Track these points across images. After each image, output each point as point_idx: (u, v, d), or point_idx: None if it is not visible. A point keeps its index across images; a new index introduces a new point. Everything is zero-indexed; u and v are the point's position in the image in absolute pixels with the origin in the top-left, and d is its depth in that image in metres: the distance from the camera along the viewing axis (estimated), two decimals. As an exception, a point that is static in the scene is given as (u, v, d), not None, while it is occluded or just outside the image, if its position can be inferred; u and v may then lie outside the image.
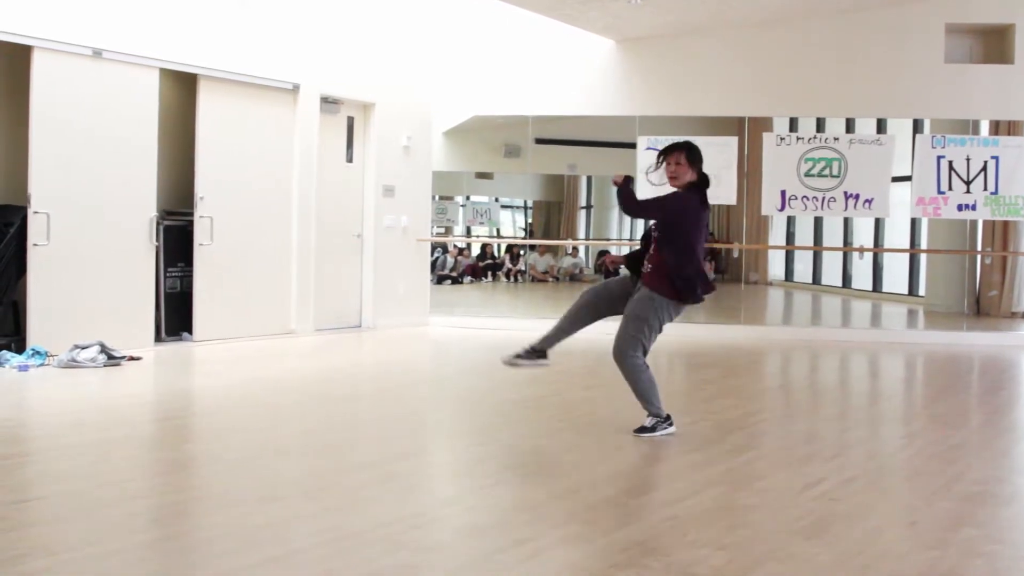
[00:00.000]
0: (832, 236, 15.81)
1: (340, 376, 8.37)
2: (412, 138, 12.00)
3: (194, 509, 4.34)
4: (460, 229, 18.26)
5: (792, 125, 14.28)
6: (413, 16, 12.03)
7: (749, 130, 12.74)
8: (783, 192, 11.81)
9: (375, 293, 11.61)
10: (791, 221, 16.30)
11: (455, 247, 18.12)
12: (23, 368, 7.72)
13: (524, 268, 18.23)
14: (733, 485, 4.82)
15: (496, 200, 18.69)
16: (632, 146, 12.10)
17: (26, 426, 6.13)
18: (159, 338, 9.46)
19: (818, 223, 15.94)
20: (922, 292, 14.51)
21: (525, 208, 19.31)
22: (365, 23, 11.39)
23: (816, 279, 16.77)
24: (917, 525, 4.25)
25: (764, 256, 16.69)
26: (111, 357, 8.10)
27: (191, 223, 9.67)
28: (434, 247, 16.05)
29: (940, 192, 11.56)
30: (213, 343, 9.63)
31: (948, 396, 8.25)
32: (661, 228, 5.78)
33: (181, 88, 9.84)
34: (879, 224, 14.68)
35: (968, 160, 11.52)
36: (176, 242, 9.67)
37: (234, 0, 9.86)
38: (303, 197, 10.65)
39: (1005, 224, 12.96)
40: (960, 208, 11.59)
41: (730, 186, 11.99)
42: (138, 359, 8.40)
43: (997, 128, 12.41)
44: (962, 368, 9.98)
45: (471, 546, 3.85)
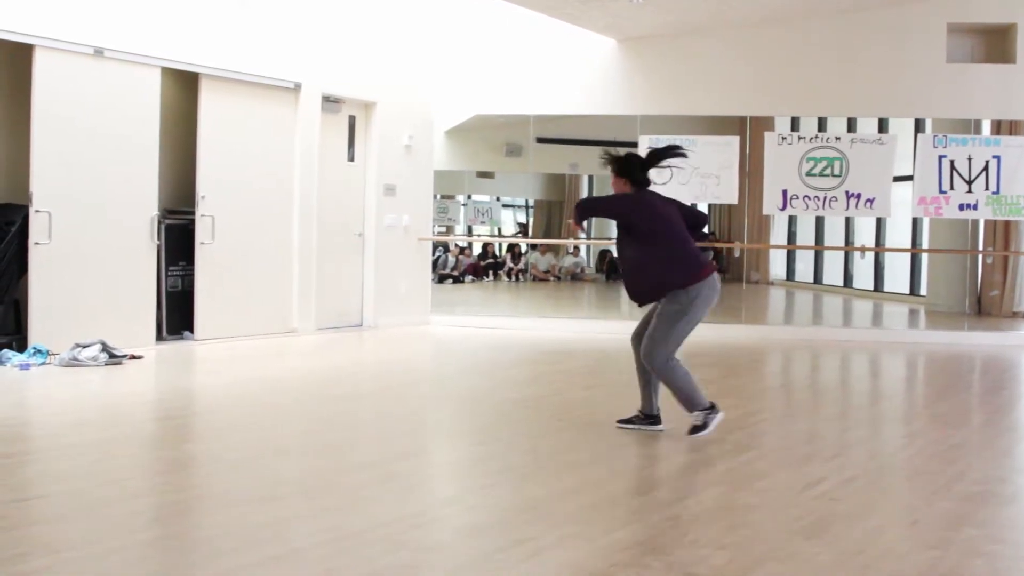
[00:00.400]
0: (833, 236, 15.81)
1: (341, 375, 8.37)
2: (413, 137, 12.00)
3: (195, 508, 4.34)
4: (461, 228, 18.29)
5: (794, 124, 14.29)
6: (415, 15, 12.02)
7: (751, 129, 12.75)
8: (784, 191, 11.80)
9: (376, 292, 11.61)
10: (792, 221, 16.32)
11: (456, 246, 18.13)
12: (24, 367, 7.73)
13: (525, 267, 18.24)
14: (733, 485, 4.82)
15: (497, 199, 18.71)
16: (634, 145, 12.09)
17: (27, 425, 6.14)
18: (160, 337, 9.47)
19: (819, 223, 15.95)
20: (923, 292, 14.51)
21: (527, 207, 19.32)
22: (367, 22, 11.39)
23: (817, 279, 16.78)
24: (918, 525, 4.25)
25: (765, 255, 16.70)
26: (112, 356, 8.10)
27: (192, 222, 9.67)
28: (435, 246, 16.06)
29: (942, 192, 11.55)
30: (214, 342, 9.63)
31: (949, 396, 8.25)
32: (625, 232, 5.80)
33: (183, 87, 9.85)
34: (880, 224, 14.69)
35: (970, 160, 11.51)
36: (177, 241, 9.68)
37: (235, 0, 9.89)
38: (304, 196, 10.65)
39: (1006, 224, 12.96)
40: (961, 208, 11.58)
41: (731, 185, 11.98)
42: (139, 358, 8.40)
43: (999, 128, 12.41)
44: (963, 368, 9.98)
45: (471, 546, 3.85)
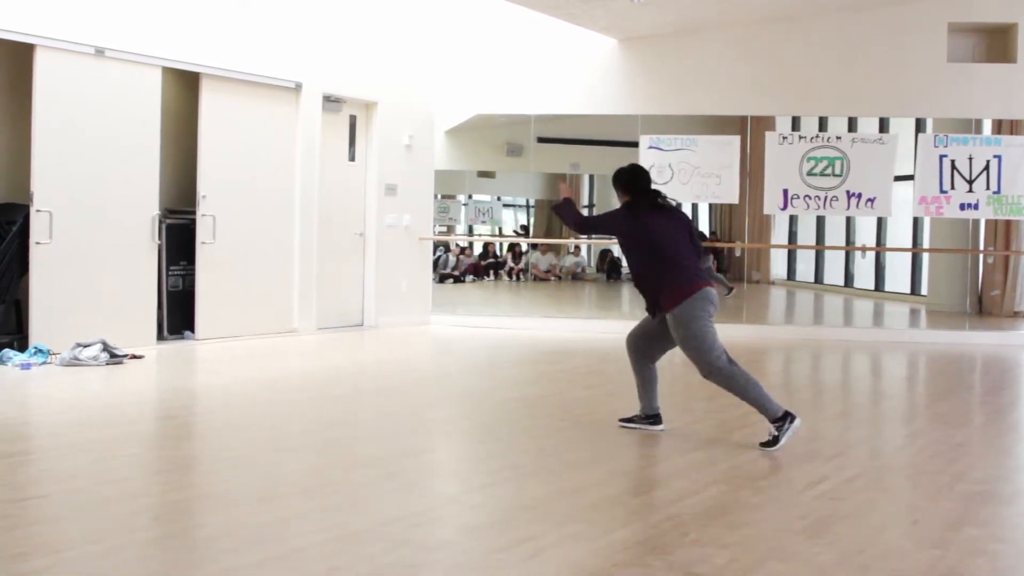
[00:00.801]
0: (834, 235, 15.80)
1: (342, 375, 8.37)
2: (414, 137, 12.00)
3: (195, 507, 4.34)
4: (462, 228, 18.29)
5: (794, 124, 14.28)
6: (415, 15, 12.03)
7: (751, 129, 12.75)
8: (785, 191, 11.80)
9: (377, 292, 11.61)
10: (793, 220, 16.31)
11: (457, 246, 18.13)
12: (25, 366, 7.73)
13: (526, 267, 18.24)
14: (735, 484, 4.82)
15: (498, 199, 18.71)
16: (634, 145, 12.10)
17: (28, 424, 6.14)
18: (161, 336, 9.47)
19: (820, 222, 15.94)
20: (924, 291, 14.51)
21: (527, 207, 19.31)
22: (368, 22, 11.39)
23: (818, 278, 16.77)
24: (919, 524, 4.25)
25: (766, 255, 16.70)
26: (113, 355, 8.10)
27: (193, 221, 9.68)
28: (436, 246, 16.06)
29: (942, 191, 11.55)
30: (215, 341, 9.63)
31: (950, 395, 8.24)
32: (628, 248, 5.81)
33: (184, 87, 9.85)
34: (881, 223, 14.68)
35: (971, 159, 11.51)
36: (178, 240, 9.69)
37: (233, 0, 9.87)
38: (305, 196, 10.65)
39: (1007, 223, 12.96)
40: (962, 207, 11.58)
41: (732, 185, 11.98)
42: (140, 357, 8.41)
43: (1000, 127, 12.41)
44: (964, 367, 9.97)
45: (472, 545, 3.85)
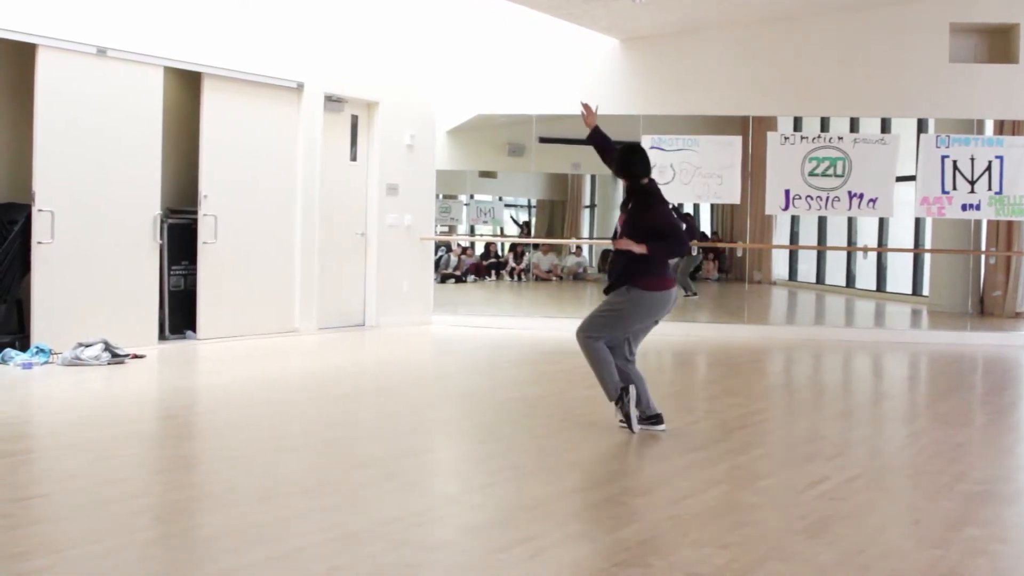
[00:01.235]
0: (836, 236, 15.78)
1: (343, 375, 8.37)
2: (416, 137, 12.01)
3: (196, 507, 4.35)
4: (464, 228, 18.28)
5: (796, 124, 14.26)
6: (417, 15, 12.03)
7: (753, 129, 12.73)
8: (787, 191, 11.79)
9: (378, 292, 11.61)
10: (795, 220, 16.29)
11: (459, 246, 18.13)
12: (27, 366, 7.73)
13: (528, 267, 18.24)
14: (735, 484, 4.82)
15: (500, 199, 18.70)
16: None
17: (30, 424, 6.15)
18: (163, 336, 9.48)
19: (822, 222, 15.92)
20: (926, 292, 14.49)
21: (529, 207, 19.31)
22: (369, 22, 11.40)
23: (820, 279, 16.75)
24: (920, 524, 4.25)
25: (768, 255, 16.68)
26: (115, 355, 8.10)
27: (195, 221, 9.68)
28: (438, 246, 16.06)
29: (944, 192, 11.54)
30: (217, 341, 9.64)
31: (951, 396, 8.24)
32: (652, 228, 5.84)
33: (185, 87, 9.85)
34: (883, 224, 14.66)
35: (972, 160, 11.50)
36: (180, 240, 9.69)
37: (234, 0, 9.87)
38: (307, 195, 10.65)
39: (1009, 224, 12.94)
40: (964, 208, 11.57)
41: (734, 185, 11.97)
42: (142, 357, 8.41)
43: (1002, 128, 12.39)
44: (965, 368, 9.97)
45: (473, 544, 3.85)
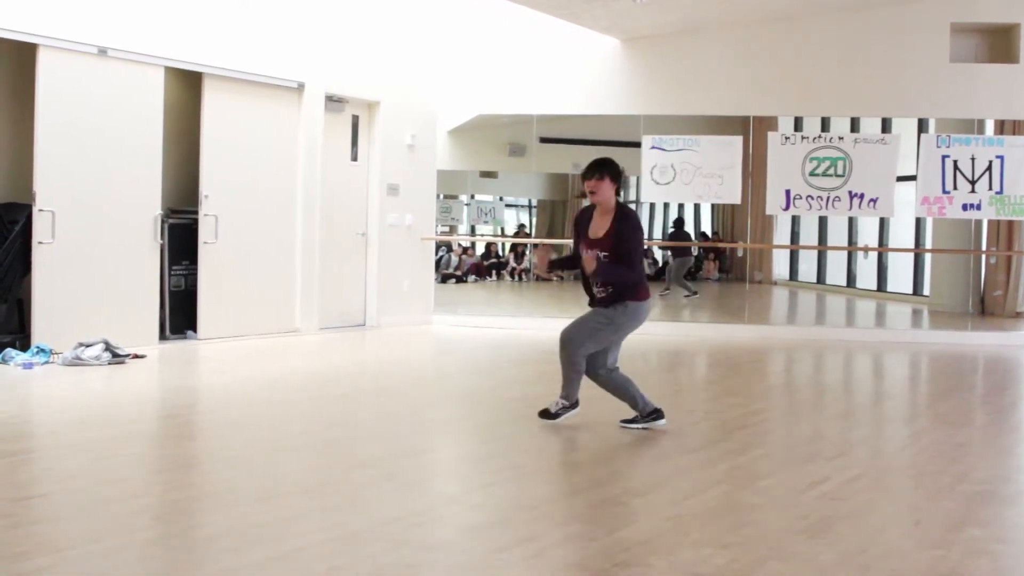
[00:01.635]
0: (837, 235, 15.78)
1: (343, 374, 8.37)
2: (417, 137, 12.00)
3: (196, 507, 4.35)
4: (464, 228, 18.27)
5: (797, 124, 14.26)
6: (418, 15, 12.02)
7: (754, 129, 12.73)
8: (788, 191, 11.79)
9: (379, 291, 11.61)
10: (796, 220, 16.29)
11: (459, 246, 18.13)
12: (28, 366, 7.73)
13: (528, 267, 18.23)
14: (736, 484, 4.81)
15: (500, 199, 18.69)
16: (637, 145, 12.09)
17: (30, 423, 6.15)
18: (163, 336, 9.48)
19: (823, 222, 15.92)
20: (926, 292, 14.49)
21: (529, 207, 19.31)
22: (370, 22, 11.40)
23: (820, 278, 16.76)
24: (921, 524, 4.24)
25: (768, 255, 16.68)
26: (115, 355, 8.10)
27: (196, 221, 9.68)
28: (438, 246, 16.06)
29: (945, 192, 11.53)
30: (217, 341, 9.64)
31: (952, 396, 8.24)
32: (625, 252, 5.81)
33: (186, 86, 9.85)
34: (884, 223, 14.66)
35: (973, 159, 11.50)
36: (181, 240, 9.69)
37: (235, 0, 9.87)
38: (308, 195, 10.66)
39: (1010, 224, 12.93)
40: (965, 208, 11.56)
41: (735, 185, 11.96)
42: (142, 357, 8.41)
43: (1002, 127, 12.39)
44: (966, 368, 9.96)
45: (473, 545, 3.85)
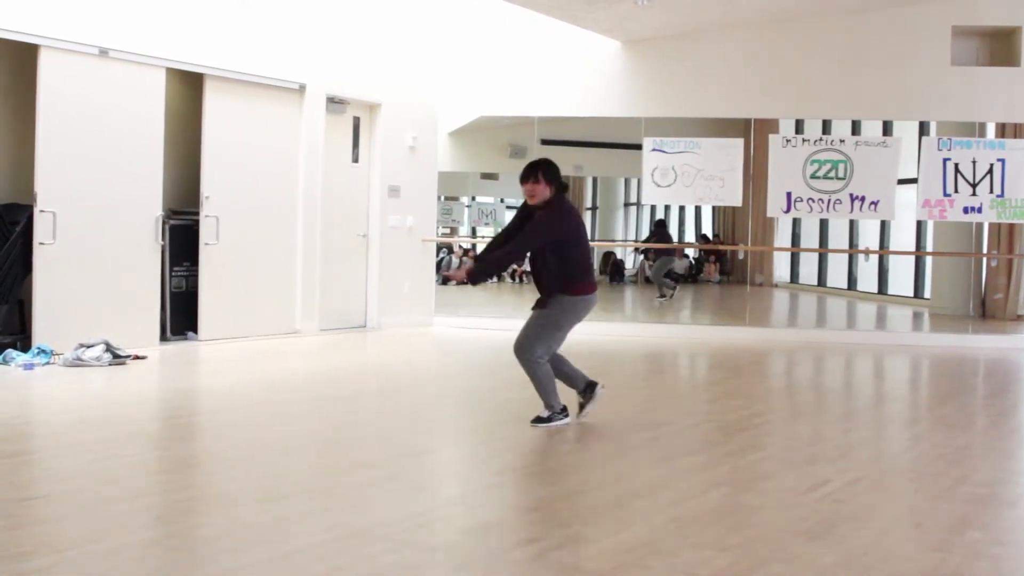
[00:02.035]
0: (838, 238, 15.79)
1: (344, 375, 8.37)
2: (418, 138, 12.01)
3: (197, 507, 4.34)
4: (465, 229, 18.27)
5: (798, 127, 14.27)
6: (419, 16, 12.03)
7: (755, 132, 12.74)
8: (789, 194, 11.79)
9: (380, 293, 11.61)
10: (797, 223, 16.30)
11: (460, 247, 18.13)
12: (28, 367, 7.74)
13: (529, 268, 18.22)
14: (737, 486, 4.81)
15: (501, 201, 18.68)
16: (638, 147, 12.09)
17: (31, 424, 6.14)
18: (164, 337, 9.48)
19: (824, 225, 15.93)
20: (927, 294, 14.49)
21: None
22: (371, 23, 11.40)
23: (821, 281, 16.76)
24: (922, 527, 4.24)
25: (769, 258, 16.68)
26: (116, 356, 8.11)
27: (197, 222, 9.69)
28: (439, 247, 16.06)
29: (946, 194, 11.54)
30: (218, 342, 9.64)
31: (953, 398, 8.23)
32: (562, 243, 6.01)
33: (187, 88, 9.86)
34: (885, 226, 14.67)
35: (974, 162, 11.50)
36: (182, 241, 9.69)
37: (234, 0, 9.87)
38: (309, 197, 10.66)
39: (1011, 227, 12.94)
40: (966, 211, 11.56)
41: (736, 188, 11.97)
42: (143, 358, 8.41)
43: (1003, 131, 12.39)
44: (967, 370, 9.95)
45: (475, 546, 3.84)
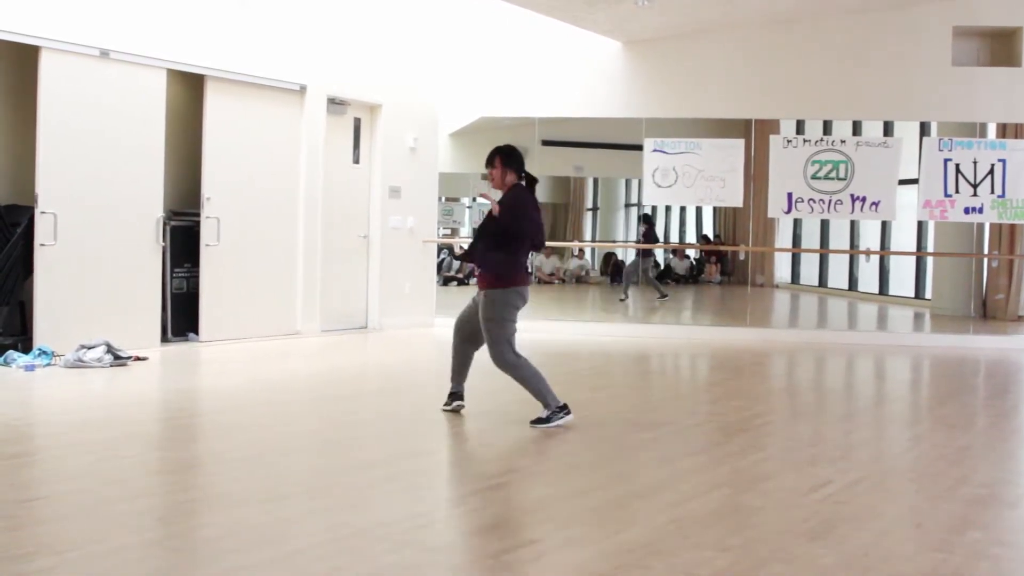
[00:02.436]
0: (839, 239, 15.78)
1: (345, 376, 8.37)
2: (418, 139, 12.01)
3: (198, 508, 4.34)
4: (466, 230, 18.28)
5: (799, 127, 14.27)
6: (420, 17, 12.04)
7: (756, 132, 12.74)
8: (790, 195, 11.79)
9: (381, 294, 11.61)
10: (798, 224, 16.30)
11: (461, 248, 18.13)
12: (30, 368, 7.74)
13: (530, 269, 18.23)
14: (738, 487, 4.81)
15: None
16: (638, 148, 12.09)
17: (32, 425, 6.15)
18: (165, 338, 9.49)
19: (825, 226, 15.92)
20: (928, 295, 14.49)
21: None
22: (372, 24, 11.41)
23: (822, 282, 16.75)
24: (922, 527, 4.24)
25: (770, 258, 16.69)
26: (117, 357, 8.11)
27: (198, 223, 9.69)
28: (440, 248, 16.07)
29: (947, 195, 11.53)
30: (219, 343, 9.64)
31: (954, 399, 8.23)
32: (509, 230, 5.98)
33: (188, 89, 9.86)
34: (886, 227, 14.67)
35: (975, 163, 11.50)
36: (183, 242, 9.70)
37: (235, 1, 9.88)
38: (309, 198, 10.66)
39: (1012, 227, 12.93)
40: (967, 211, 11.56)
41: (736, 188, 11.96)
42: (144, 359, 8.41)
43: (1004, 131, 12.38)
44: (968, 371, 9.95)
45: (475, 546, 3.85)
